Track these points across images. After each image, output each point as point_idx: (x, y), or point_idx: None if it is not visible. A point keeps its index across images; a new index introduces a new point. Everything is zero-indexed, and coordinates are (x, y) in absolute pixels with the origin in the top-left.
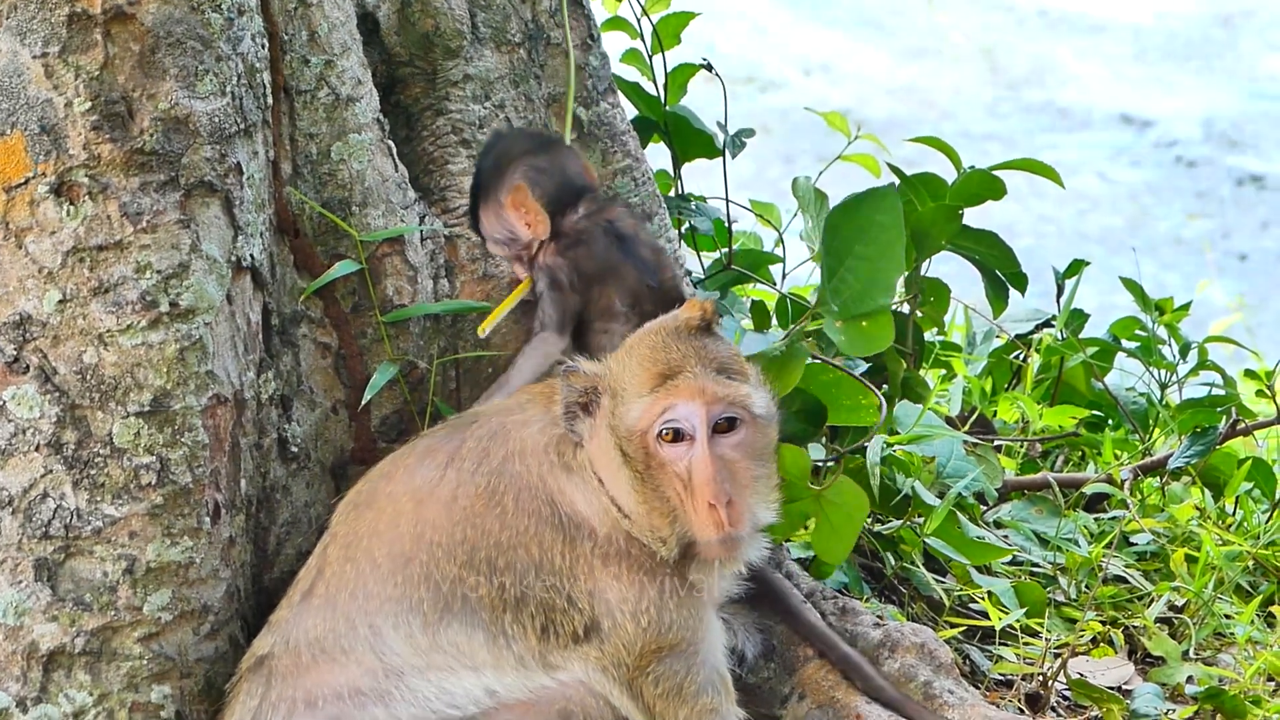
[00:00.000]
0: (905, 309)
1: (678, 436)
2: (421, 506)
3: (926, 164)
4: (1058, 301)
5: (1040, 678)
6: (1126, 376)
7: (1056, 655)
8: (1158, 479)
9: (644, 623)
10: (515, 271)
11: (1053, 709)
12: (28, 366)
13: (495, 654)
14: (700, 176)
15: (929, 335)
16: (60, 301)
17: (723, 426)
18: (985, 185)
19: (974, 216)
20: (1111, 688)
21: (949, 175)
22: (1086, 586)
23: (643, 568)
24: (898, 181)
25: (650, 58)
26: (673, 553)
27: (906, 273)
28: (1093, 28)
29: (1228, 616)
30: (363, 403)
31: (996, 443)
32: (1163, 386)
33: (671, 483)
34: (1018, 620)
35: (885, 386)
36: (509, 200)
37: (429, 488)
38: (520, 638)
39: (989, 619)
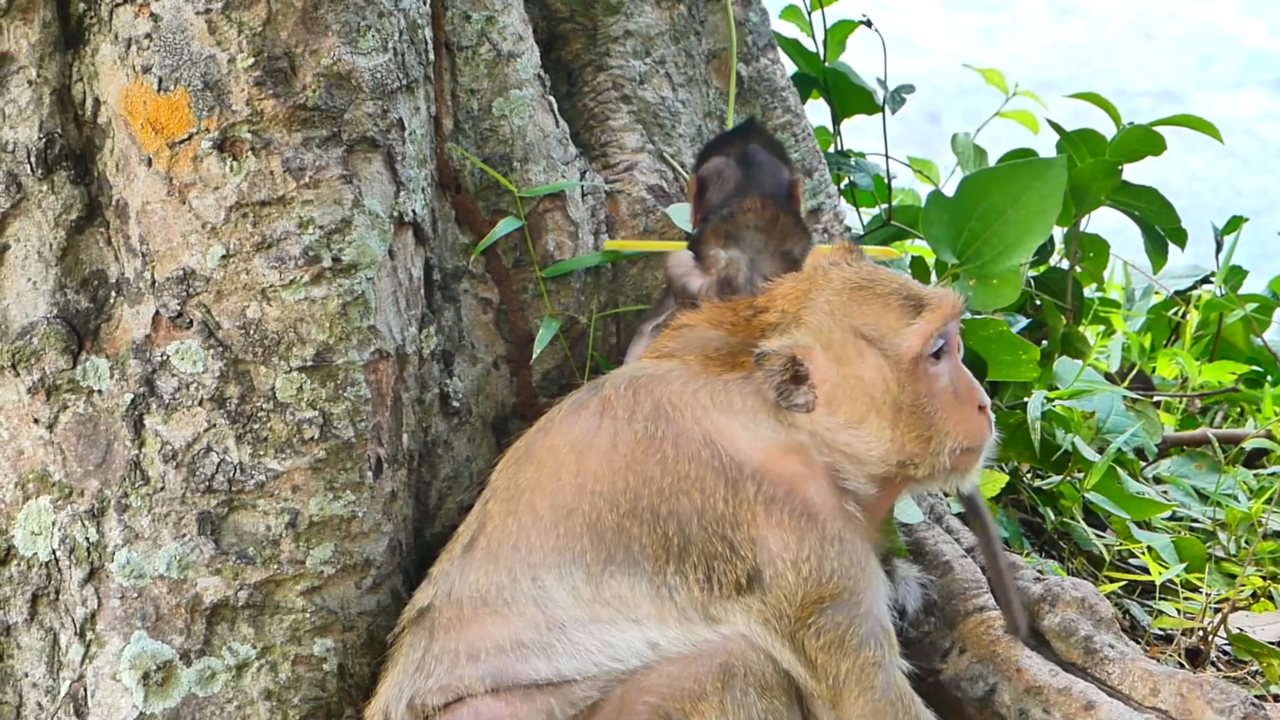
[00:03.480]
0: (1065, 265)
1: (938, 354)
2: (582, 457)
3: (1082, 123)
4: (1216, 257)
5: (1200, 633)
6: None
7: (1217, 610)
8: None
9: (805, 571)
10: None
11: (1213, 664)
12: (191, 321)
13: (658, 606)
14: (855, 132)
15: (1088, 291)
16: (224, 257)
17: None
18: (1145, 141)
19: (1128, 174)
20: (1272, 643)
21: (1107, 133)
22: (1246, 542)
23: (806, 513)
24: (1063, 156)
25: (809, 14)
26: (928, 475)
27: (1050, 235)
28: None
29: None
30: (532, 357)
31: (1156, 398)
32: None
33: (936, 402)
34: (1178, 575)
35: (1045, 342)
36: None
37: (588, 438)
38: (682, 588)
39: (1149, 574)
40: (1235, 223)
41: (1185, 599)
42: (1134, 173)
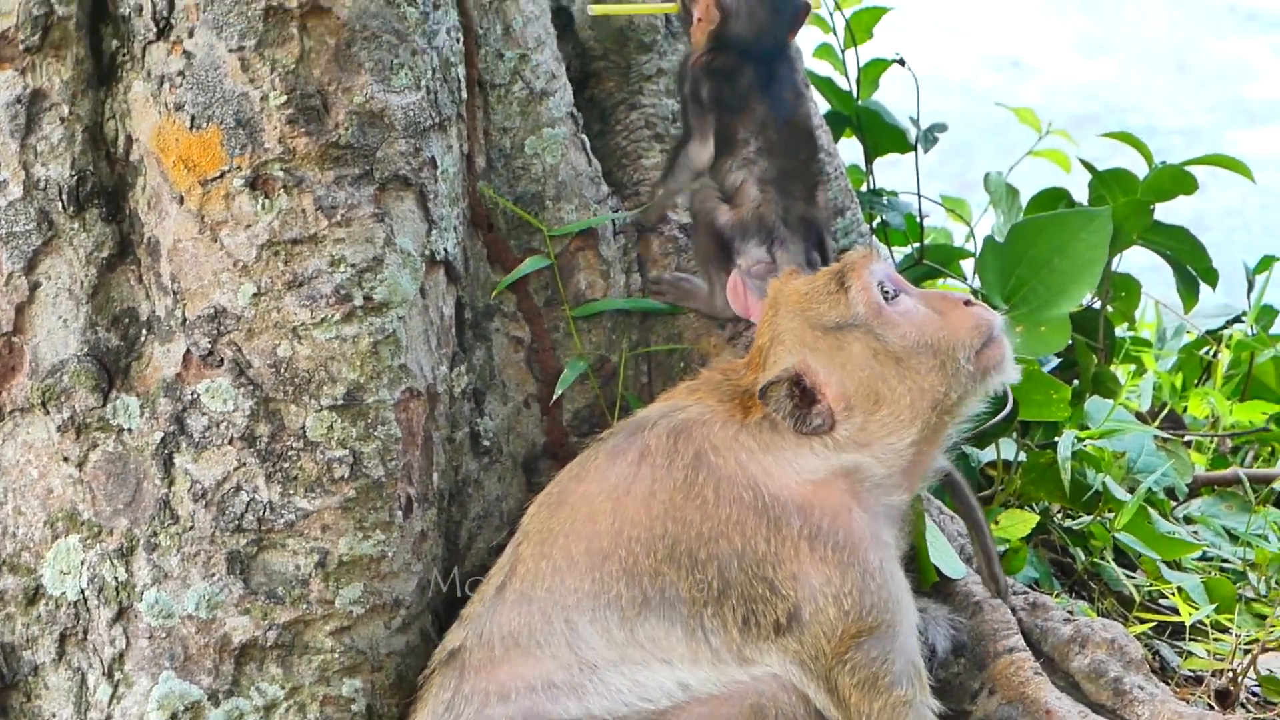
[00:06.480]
0: (1096, 304)
1: (893, 295)
2: (619, 504)
3: (1115, 160)
4: (1248, 297)
5: (1230, 674)
6: None
7: (1246, 651)
8: None
9: (846, 605)
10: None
11: (1242, 705)
12: (222, 360)
13: (693, 648)
14: (887, 170)
15: (1119, 330)
16: (255, 295)
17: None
18: (1176, 180)
19: (1161, 212)
20: None
21: (1138, 171)
22: (1277, 582)
23: (849, 545)
24: (1108, 208)
25: (843, 53)
26: (964, 394)
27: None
28: None
29: None
30: (554, 398)
31: (1187, 438)
32: None
33: (924, 329)
34: (1208, 616)
35: (1076, 381)
36: None
37: (625, 485)
38: (720, 631)
39: (1179, 615)
40: (1266, 262)
41: (1215, 640)
42: (1169, 208)
